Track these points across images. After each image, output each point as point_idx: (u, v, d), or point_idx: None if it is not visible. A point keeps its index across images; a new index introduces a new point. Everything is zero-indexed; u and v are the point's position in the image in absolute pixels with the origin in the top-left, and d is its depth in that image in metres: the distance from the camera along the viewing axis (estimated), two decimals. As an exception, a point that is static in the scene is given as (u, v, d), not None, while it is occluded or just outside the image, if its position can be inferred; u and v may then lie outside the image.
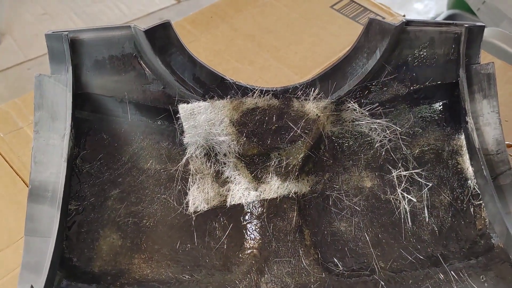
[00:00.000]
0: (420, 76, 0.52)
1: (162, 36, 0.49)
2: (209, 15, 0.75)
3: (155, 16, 1.93)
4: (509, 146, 0.60)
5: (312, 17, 0.73)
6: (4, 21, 1.87)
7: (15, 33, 1.82)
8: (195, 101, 0.49)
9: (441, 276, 0.44)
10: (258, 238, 0.48)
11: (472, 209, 0.49)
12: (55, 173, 0.46)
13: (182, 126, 0.50)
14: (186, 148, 0.50)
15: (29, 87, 1.65)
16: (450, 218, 0.49)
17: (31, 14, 1.90)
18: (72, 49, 0.47)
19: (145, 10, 1.93)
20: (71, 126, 0.47)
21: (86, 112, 0.50)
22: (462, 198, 0.50)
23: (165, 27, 0.49)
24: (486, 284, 0.44)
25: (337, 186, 0.51)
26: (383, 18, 0.73)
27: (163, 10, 1.93)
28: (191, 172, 0.50)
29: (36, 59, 1.74)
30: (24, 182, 0.57)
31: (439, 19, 1.27)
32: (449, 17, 1.27)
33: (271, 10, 0.75)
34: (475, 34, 0.52)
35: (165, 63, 0.49)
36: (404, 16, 0.73)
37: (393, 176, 0.51)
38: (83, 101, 0.49)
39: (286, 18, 0.74)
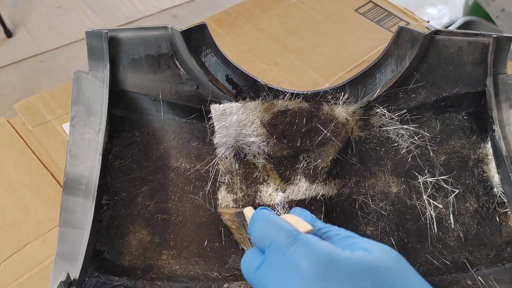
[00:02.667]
0: (447, 84, 0.53)
1: (197, 37, 0.50)
2: (234, 14, 0.76)
3: (168, 13, 1.94)
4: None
5: (337, 20, 0.74)
6: (19, 13, 1.87)
7: (29, 25, 1.83)
8: (227, 102, 0.50)
9: (469, 281, 0.45)
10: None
11: (498, 217, 0.50)
12: (89, 167, 0.47)
13: (213, 126, 0.50)
14: (216, 148, 0.51)
15: (42, 79, 1.67)
16: (475, 225, 0.50)
17: (45, 6, 1.91)
18: (110, 47, 0.48)
19: (158, 7, 1.94)
20: (106, 122, 0.47)
21: (120, 109, 0.51)
22: (487, 206, 0.51)
23: (201, 28, 0.49)
24: None
25: (364, 191, 0.52)
26: (408, 23, 0.73)
27: (177, 7, 1.93)
28: (220, 172, 0.50)
29: (50, 51, 1.75)
30: (52, 175, 0.57)
31: (455, 25, 1.28)
32: (465, 24, 1.27)
33: (296, 11, 0.76)
34: (502, 44, 0.53)
35: (199, 63, 0.50)
36: (428, 22, 0.74)
37: (419, 182, 0.51)
38: (118, 98, 0.50)
39: (311, 20, 0.74)
